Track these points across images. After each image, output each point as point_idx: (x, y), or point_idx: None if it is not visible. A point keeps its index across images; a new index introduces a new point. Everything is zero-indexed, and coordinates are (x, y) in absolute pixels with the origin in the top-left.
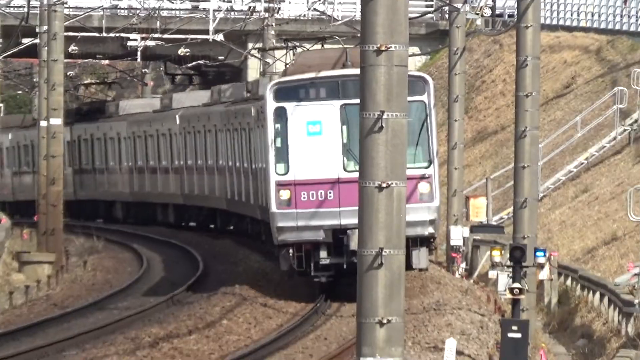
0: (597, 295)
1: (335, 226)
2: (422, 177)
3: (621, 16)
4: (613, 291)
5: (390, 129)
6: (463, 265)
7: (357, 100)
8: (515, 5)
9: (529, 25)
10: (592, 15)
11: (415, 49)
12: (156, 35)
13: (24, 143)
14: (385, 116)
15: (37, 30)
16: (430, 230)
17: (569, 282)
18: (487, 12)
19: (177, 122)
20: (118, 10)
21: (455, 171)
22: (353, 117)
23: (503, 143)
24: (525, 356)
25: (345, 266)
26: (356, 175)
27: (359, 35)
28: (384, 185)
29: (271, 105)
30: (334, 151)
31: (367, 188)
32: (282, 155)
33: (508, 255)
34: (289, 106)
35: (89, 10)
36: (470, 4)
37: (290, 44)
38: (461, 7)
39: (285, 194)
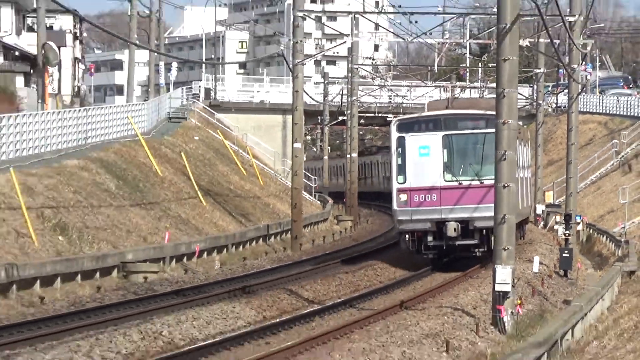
0: (604, 237)
1: (438, 219)
2: None
3: (615, 107)
4: (612, 235)
5: (508, 159)
6: (542, 223)
7: (454, 132)
8: (566, 102)
9: (572, 111)
10: (601, 106)
11: (519, 122)
12: (401, 113)
13: (339, 165)
14: (506, 154)
15: (345, 112)
16: None
17: (591, 230)
18: (554, 105)
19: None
20: (388, 105)
21: (539, 179)
22: (451, 144)
23: (561, 166)
24: (571, 264)
25: (444, 247)
26: (452, 184)
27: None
28: (506, 185)
29: (394, 135)
30: (437, 167)
31: (499, 187)
32: (402, 170)
33: (563, 218)
34: (407, 136)
35: (370, 104)
36: (544, 101)
37: None
38: (542, 103)
39: (403, 197)
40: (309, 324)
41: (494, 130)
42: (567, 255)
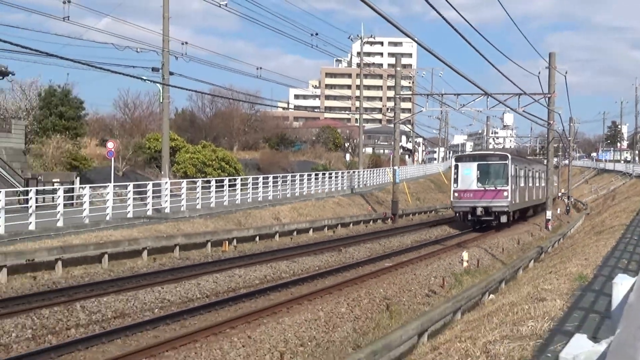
0: (580, 203)
1: (473, 206)
2: (504, 189)
3: (583, 164)
4: (582, 202)
5: (551, 179)
6: (560, 198)
7: (482, 162)
8: (568, 162)
9: (571, 165)
10: (579, 164)
11: (554, 167)
12: None
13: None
14: (551, 177)
15: None
16: (506, 209)
17: (575, 201)
18: (565, 163)
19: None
20: None
21: (559, 185)
22: (482, 168)
23: (566, 181)
24: (569, 211)
25: (476, 220)
26: (480, 188)
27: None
28: (550, 187)
29: (453, 163)
30: (473, 179)
31: (549, 187)
32: (456, 181)
33: (567, 197)
34: (460, 164)
35: None
36: (563, 162)
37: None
38: (561, 163)
39: (457, 194)
40: (471, 233)
41: (500, 162)
42: (568, 208)
